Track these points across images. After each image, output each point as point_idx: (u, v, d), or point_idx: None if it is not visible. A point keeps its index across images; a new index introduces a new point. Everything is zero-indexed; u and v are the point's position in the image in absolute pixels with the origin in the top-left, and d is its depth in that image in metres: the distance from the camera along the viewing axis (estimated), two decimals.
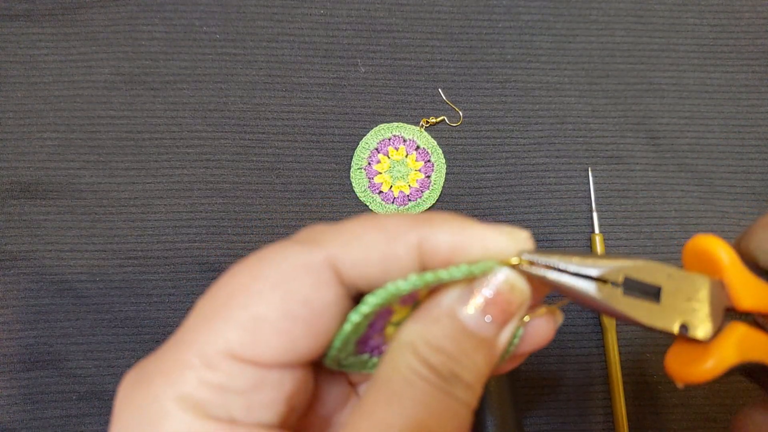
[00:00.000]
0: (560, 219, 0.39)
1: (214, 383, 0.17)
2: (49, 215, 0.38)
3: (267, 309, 0.17)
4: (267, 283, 0.18)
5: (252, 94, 0.40)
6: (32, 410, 0.36)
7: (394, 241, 0.18)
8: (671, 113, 0.41)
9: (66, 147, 0.39)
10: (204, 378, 0.17)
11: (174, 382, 0.17)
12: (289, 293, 0.18)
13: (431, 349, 0.18)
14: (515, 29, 0.41)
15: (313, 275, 0.18)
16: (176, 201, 0.39)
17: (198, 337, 0.18)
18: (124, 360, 0.37)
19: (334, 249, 0.18)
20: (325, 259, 0.18)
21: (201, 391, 0.17)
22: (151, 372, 0.18)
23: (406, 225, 0.19)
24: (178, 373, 0.17)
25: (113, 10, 0.40)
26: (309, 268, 0.18)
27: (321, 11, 0.41)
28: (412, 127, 0.40)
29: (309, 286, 0.18)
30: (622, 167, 0.40)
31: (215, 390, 0.17)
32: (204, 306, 0.18)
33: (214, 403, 0.17)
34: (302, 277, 0.18)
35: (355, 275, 0.18)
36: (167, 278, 0.38)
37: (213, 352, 0.17)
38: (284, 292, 0.18)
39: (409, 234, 0.18)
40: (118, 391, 0.18)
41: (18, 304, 0.37)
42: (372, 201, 0.39)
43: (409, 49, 0.41)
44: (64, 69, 0.40)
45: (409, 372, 0.18)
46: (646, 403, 0.38)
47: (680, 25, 0.42)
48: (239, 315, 0.17)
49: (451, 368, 0.18)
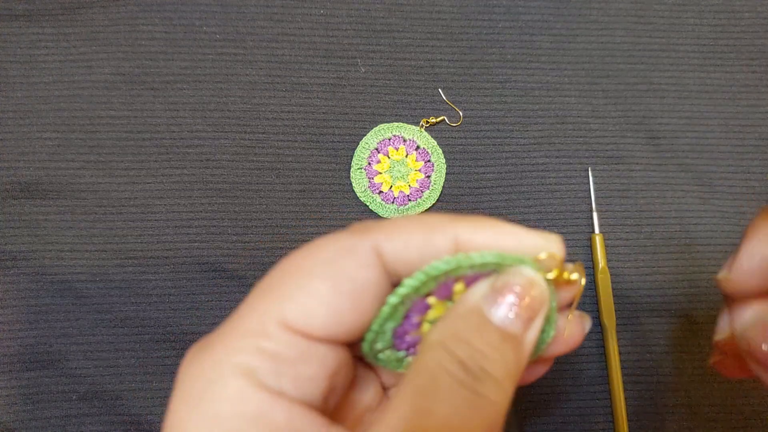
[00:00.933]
0: (560, 219, 0.39)
1: (268, 351, 0.18)
2: (49, 215, 0.38)
3: (318, 284, 0.19)
4: (318, 261, 0.20)
5: (252, 94, 0.40)
6: (32, 410, 0.36)
7: (433, 232, 0.20)
8: (671, 113, 0.41)
9: (66, 147, 0.39)
10: (260, 345, 0.18)
11: (232, 350, 0.19)
12: (337, 271, 0.19)
13: (459, 343, 0.19)
14: (515, 29, 0.41)
15: (358, 256, 0.20)
16: (176, 201, 0.39)
17: (256, 308, 0.19)
18: (124, 360, 0.37)
19: (379, 236, 0.20)
20: (369, 244, 0.20)
21: (256, 359, 0.18)
22: (213, 341, 0.19)
23: (445, 220, 0.20)
24: (236, 341, 0.19)
25: (113, 10, 0.40)
26: (355, 250, 0.20)
27: (321, 11, 0.41)
28: (412, 127, 0.40)
29: (355, 265, 0.19)
30: (622, 167, 0.40)
31: (268, 358, 0.18)
32: (262, 283, 0.20)
33: (266, 372, 0.18)
34: (349, 257, 0.20)
35: (396, 260, 0.20)
36: (167, 278, 0.38)
37: (269, 322, 0.19)
38: (333, 269, 0.19)
39: (448, 228, 0.20)
40: (183, 361, 0.20)
41: (18, 304, 0.37)
42: (372, 201, 0.39)
43: (409, 49, 0.41)
44: (64, 69, 0.40)
45: (437, 368, 0.19)
46: (646, 403, 0.38)
47: (680, 25, 0.42)
48: (293, 289, 0.19)
49: (480, 363, 0.19)
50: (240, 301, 0.39)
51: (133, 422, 0.37)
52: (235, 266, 0.38)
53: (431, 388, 0.18)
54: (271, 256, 0.38)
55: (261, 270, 0.38)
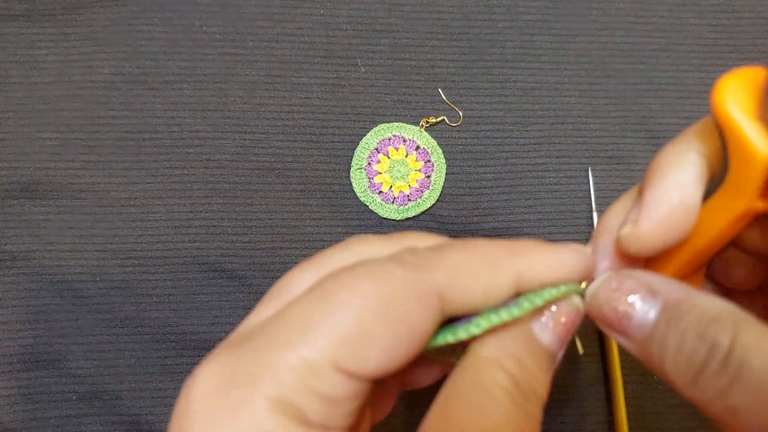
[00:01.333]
0: (560, 219, 0.39)
1: (318, 391, 0.18)
2: (49, 215, 0.38)
3: (379, 330, 0.18)
4: (377, 299, 0.18)
5: (252, 94, 0.40)
6: (32, 410, 0.36)
7: (496, 273, 0.20)
8: (671, 113, 0.41)
9: (66, 147, 0.39)
10: (308, 383, 0.17)
11: (269, 382, 0.17)
12: (400, 317, 0.18)
13: (517, 365, 0.19)
14: (515, 29, 0.41)
15: (423, 302, 0.19)
16: (176, 201, 0.39)
17: (297, 341, 0.18)
18: (124, 360, 0.37)
19: (442, 278, 0.19)
20: (434, 288, 0.19)
21: (300, 396, 0.17)
22: (240, 369, 0.18)
23: (504, 254, 0.20)
24: (274, 372, 0.17)
25: (113, 10, 0.40)
26: (420, 295, 0.19)
27: (321, 11, 0.41)
28: (412, 127, 0.40)
29: (418, 312, 0.18)
30: (622, 167, 0.40)
31: (317, 397, 0.18)
32: (299, 311, 0.18)
33: (312, 409, 0.18)
34: (414, 303, 0.18)
35: (457, 303, 0.19)
36: (167, 278, 0.38)
37: (319, 361, 0.18)
38: (395, 315, 0.18)
39: (510, 266, 0.20)
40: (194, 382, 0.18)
41: (18, 304, 0.37)
42: (372, 201, 0.39)
43: (409, 49, 0.41)
44: (64, 69, 0.40)
45: (495, 386, 0.19)
46: (646, 403, 0.38)
47: (680, 25, 0.42)
48: (350, 329, 0.18)
49: (532, 384, 0.20)
50: (239, 300, 0.39)
51: (133, 422, 0.37)
52: (235, 266, 0.38)
53: (488, 407, 0.19)
54: (271, 256, 0.38)
55: (261, 270, 0.38)
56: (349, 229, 0.39)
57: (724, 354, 0.18)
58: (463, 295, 0.19)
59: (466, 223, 0.39)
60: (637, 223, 0.21)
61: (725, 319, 0.18)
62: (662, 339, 0.19)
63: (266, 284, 0.38)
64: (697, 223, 0.21)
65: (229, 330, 0.37)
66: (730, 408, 0.18)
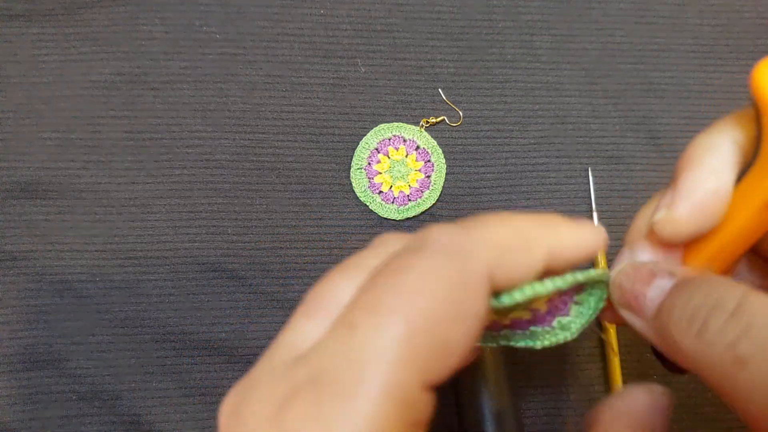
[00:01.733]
0: None
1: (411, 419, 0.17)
2: (49, 215, 0.38)
3: (456, 336, 0.17)
4: (437, 298, 0.17)
5: (252, 94, 0.40)
6: (32, 410, 0.36)
7: (533, 249, 0.20)
8: (671, 113, 0.41)
9: (66, 147, 0.39)
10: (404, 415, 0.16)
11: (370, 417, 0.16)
12: (465, 310, 0.18)
13: None
14: (515, 29, 0.41)
15: (479, 289, 0.18)
16: (176, 201, 0.39)
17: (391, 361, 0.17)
18: (124, 360, 0.37)
19: (488, 258, 0.19)
20: (484, 271, 0.18)
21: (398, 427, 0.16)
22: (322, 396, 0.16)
23: (537, 228, 0.20)
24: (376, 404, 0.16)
25: (113, 10, 0.40)
26: (475, 283, 0.18)
27: (321, 11, 0.41)
28: (412, 127, 0.40)
29: (478, 300, 0.18)
30: (622, 167, 0.40)
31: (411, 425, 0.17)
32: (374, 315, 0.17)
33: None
34: (471, 292, 0.18)
35: (499, 281, 0.19)
36: (167, 278, 0.38)
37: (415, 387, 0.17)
38: (463, 310, 0.18)
39: (543, 238, 0.20)
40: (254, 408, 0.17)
41: (18, 304, 0.37)
42: (372, 201, 0.39)
43: (409, 49, 0.41)
44: (64, 69, 0.40)
45: None
46: None
47: (680, 25, 0.42)
48: (433, 343, 0.17)
49: None
50: (239, 300, 0.39)
51: (133, 422, 0.37)
52: (235, 266, 0.38)
53: None
54: (271, 256, 0.38)
55: (261, 270, 0.38)
56: (349, 229, 0.39)
57: (732, 308, 0.18)
58: (507, 273, 0.19)
59: None
60: (672, 207, 0.21)
61: (734, 285, 0.19)
62: (670, 304, 0.20)
63: (266, 284, 0.38)
64: (729, 208, 0.21)
65: (229, 330, 0.37)
66: (738, 359, 0.17)
